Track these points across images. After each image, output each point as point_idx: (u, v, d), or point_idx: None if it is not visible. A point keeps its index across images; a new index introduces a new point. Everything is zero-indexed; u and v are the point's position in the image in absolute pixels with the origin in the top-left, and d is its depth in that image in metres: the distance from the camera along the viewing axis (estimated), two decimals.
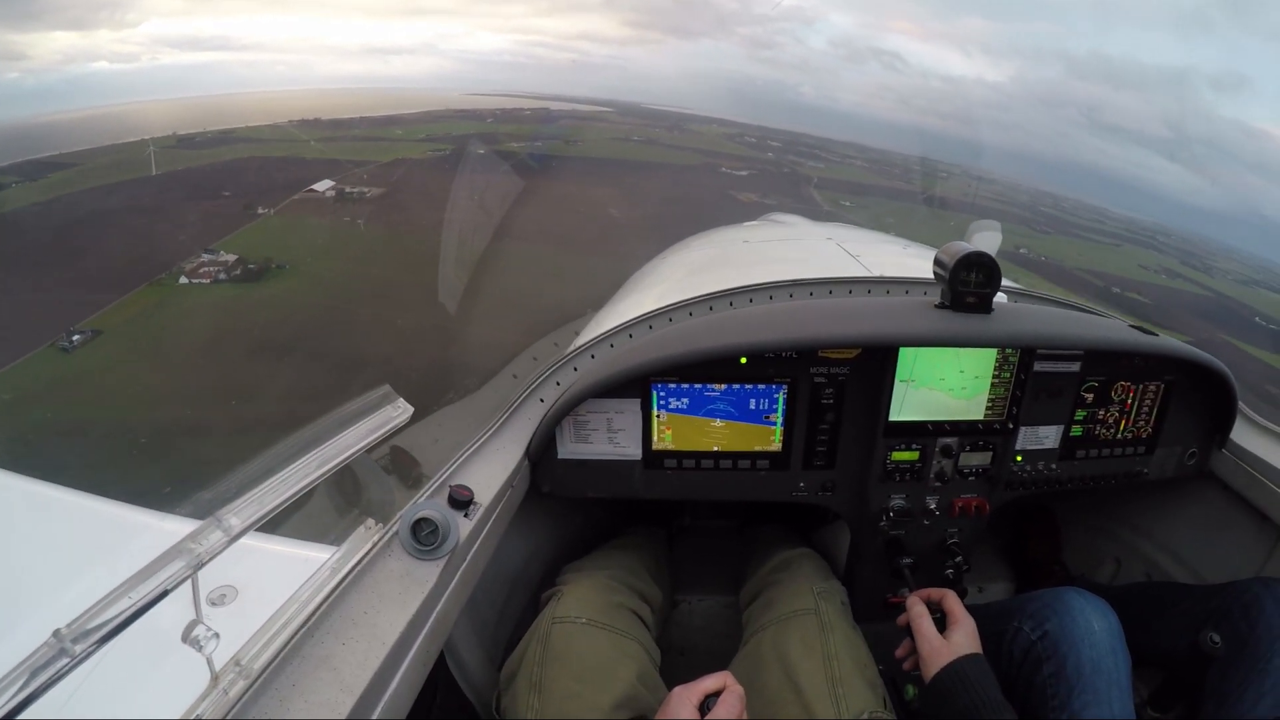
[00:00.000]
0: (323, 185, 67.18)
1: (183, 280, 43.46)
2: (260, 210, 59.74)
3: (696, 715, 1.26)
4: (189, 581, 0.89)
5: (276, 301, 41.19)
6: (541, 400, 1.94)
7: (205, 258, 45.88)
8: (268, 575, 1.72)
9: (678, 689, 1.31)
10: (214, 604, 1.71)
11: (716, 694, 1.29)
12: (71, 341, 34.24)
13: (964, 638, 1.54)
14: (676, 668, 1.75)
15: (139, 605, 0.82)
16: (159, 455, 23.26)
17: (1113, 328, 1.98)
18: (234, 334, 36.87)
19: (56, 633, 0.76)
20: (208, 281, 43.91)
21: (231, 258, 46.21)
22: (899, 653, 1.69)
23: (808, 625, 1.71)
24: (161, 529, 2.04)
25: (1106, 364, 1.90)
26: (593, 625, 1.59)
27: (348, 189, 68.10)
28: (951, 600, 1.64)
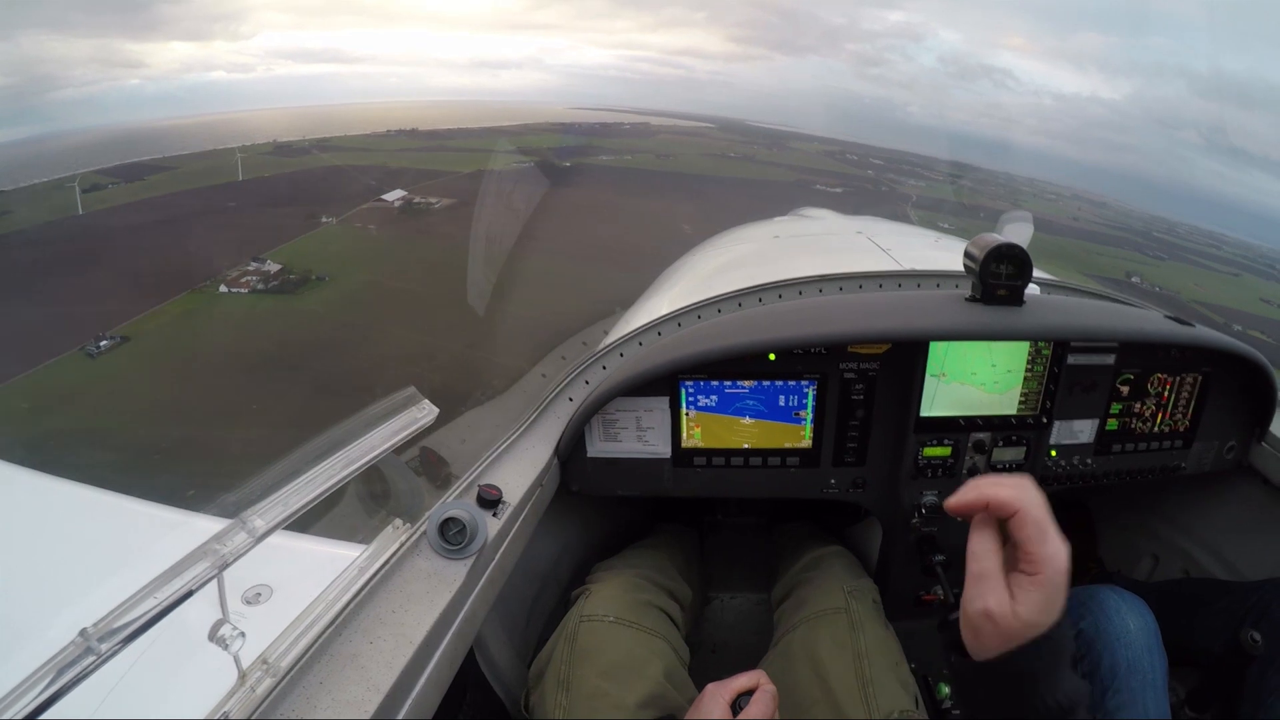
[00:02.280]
0: (393, 195, 67.64)
1: (222, 289, 43.77)
2: (324, 219, 60.32)
3: (729, 713, 1.25)
4: (215, 581, 0.90)
5: (305, 315, 41.26)
6: (570, 399, 1.94)
7: (252, 266, 46.11)
8: (303, 574, 1.73)
9: (710, 686, 1.31)
10: (249, 603, 1.73)
11: (749, 693, 1.28)
12: (99, 347, 34.74)
13: (1039, 600, 0.93)
14: (708, 665, 1.74)
15: (164, 605, 0.82)
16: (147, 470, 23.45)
17: (1148, 319, 1.94)
18: (251, 346, 36.95)
19: (83, 631, 0.77)
20: (245, 291, 44.06)
21: (275, 267, 46.38)
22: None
23: (838, 624, 1.70)
24: (193, 527, 2.06)
25: (1142, 356, 1.86)
26: (620, 623, 1.59)
27: (416, 199, 68.21)
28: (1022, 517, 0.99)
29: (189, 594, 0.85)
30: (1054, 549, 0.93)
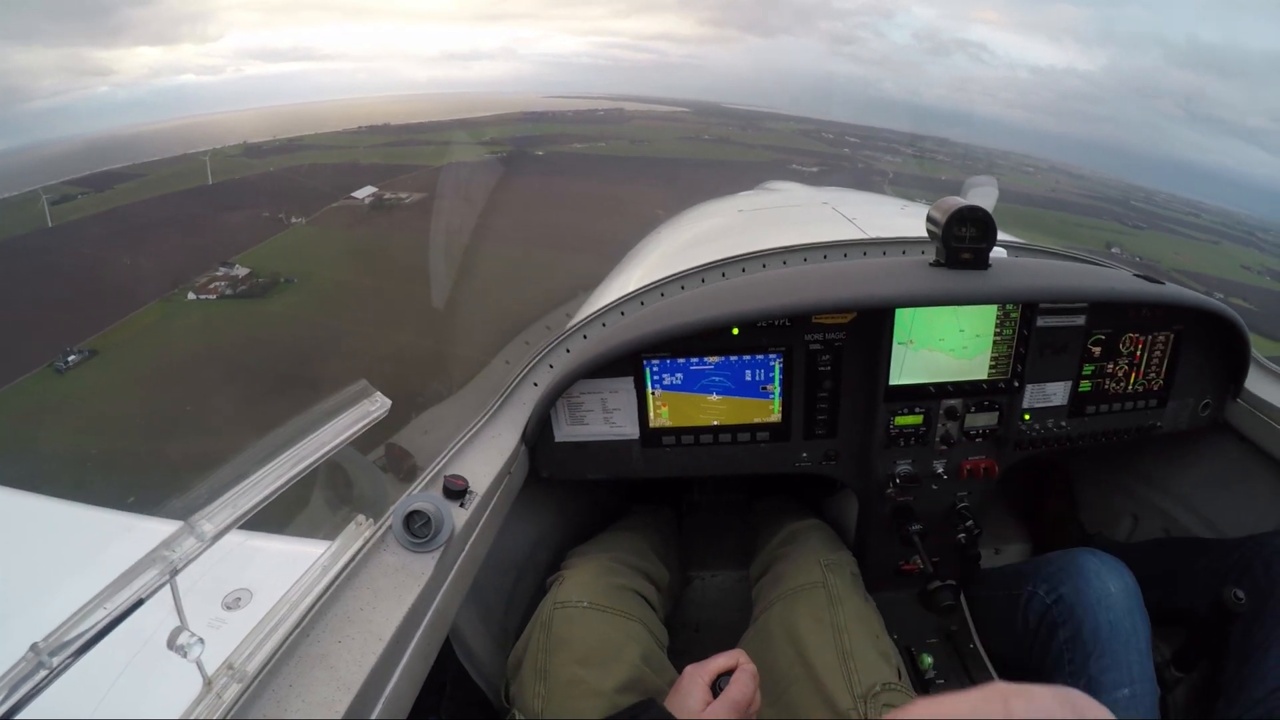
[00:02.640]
0: (363, 192, 66.70)
1: (190, 296, 43.08)
2: (294, 220, 59.61)
3: (709, 695, 1.25)
4: (168, 588, 0.89)
5: (272, 318, 40.70)
6: (535, 384, 1.93)
7: (220, 271, 45.41)
8: (284, 576, 1.72)
9: (689, 668, 1.30)
10: (229, 608, 1.72)
11: (728, 673, 1.28)
12: (67, 362, 34.15)
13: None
14: (692, 644, 1.75)
15: (115, 615, 0.81)
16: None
17: (1118, 278, 1.93)
18: (219, 354, 36.40)
19: (34, 646, 0.76)
20: (214, 297, 43.36)
21: (243, 271, 45.71)
22: None
23: (816, 599, 1.70)
24: (146, 530, 2.03)
25: (1113, 316, 1.86)
26: (594, 608, 1.58)
27: (387, 195, 67.34)
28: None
29: (140, 602, 0.84)
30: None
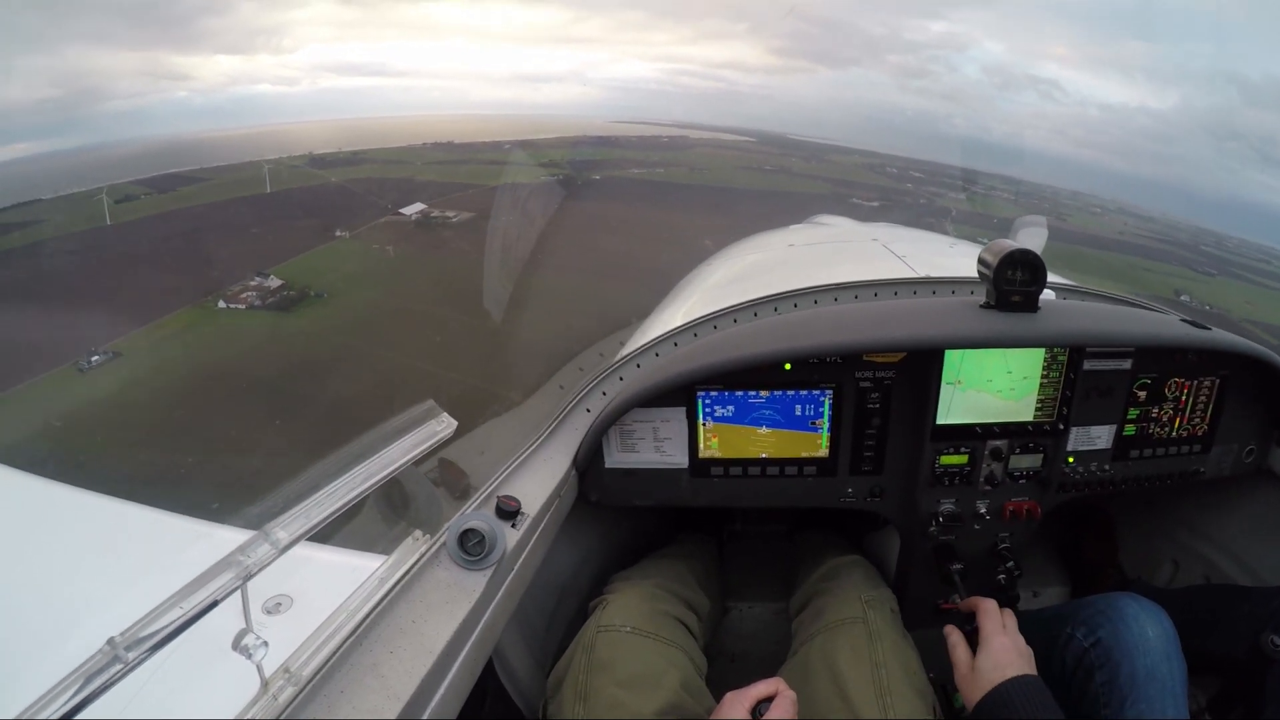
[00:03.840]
0: (412, 209, 65.91)
1: (220, 304, 42.85)
2: (338, 233, 59.33)
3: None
4: (239, 592, 0.92)
5: (294, 335, 40.01)
6: (588, 410, 1.95)
7: (254, 281, 44.71)
8: (322, 584, 1.74)
9: (730, 694, 1.32)
10: (269, 612, 1.74)
11: (768, 699, 1.29)
12: (90, 362, 34.10)
13: (990, 662, 1.50)
14: (728, 673, 1.74)
15: (189, 615, 0.84)
16: None
17: (1164, 323, 1.93)
18: (232, 367, 35.47)
19: (111, 640, 0.78)
20: (243, 307, 42.93)
21: (277, 283, 45.19)
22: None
23: (856, 634, 1.70)
24: (217, 538, 2.08)
25: (1159, 361, 1.86)
26: (637, 633, 1.60)
27: (434, 213, 66.81)
28: (984, 616, 1.60)
29: (214, 604, 0.87)
30: (996, 631, 1.55)
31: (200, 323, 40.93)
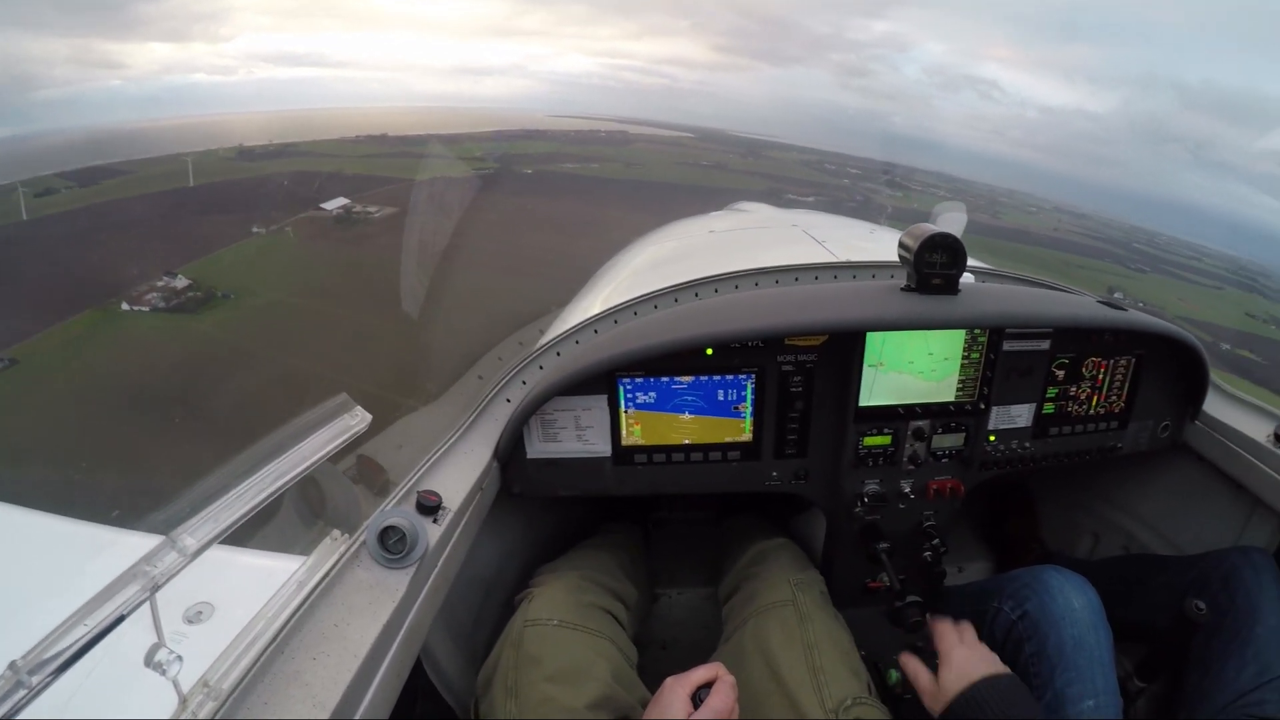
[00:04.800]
0: (333, 204, 63.85)
1: (124, 306, 40.54)
2: (254, 229, 57.21)
3: (690, 705, 1.27)
4: (148, 604, 0.88)
5: (195, 338, 38.12)
6: (508, 400, 1.93)
7: (161, 281, 42.32)
8: (245, 589, 1.69)
9: (669, 680, 1.32)
10: (190, 621, 1.69)
11: (708, 685, 1.30)
12: None
13: (954, 674, 1.50)
14: (660, 662, 1.75)
15: (95, 632, 0.80)
16: None
17: (1081, 304, 1.98)
18: (130, 376, 33.77)
19: (12, 664, 0.74)
20: (146, 309, 40.57)
21: (184, 283, 42.78)
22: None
23: (786, 616, 1.71)
24: (126, 545, 1.99)
25: (1076, 341, 1.91)
26: (565, 626, 1.59)
27: (356, 208, 64.58)
28: (939, 639, 1.61)
29: (121, 619, 0.83)
30: (953, 647, 1.57)
31: (102, 326, 38.91)
